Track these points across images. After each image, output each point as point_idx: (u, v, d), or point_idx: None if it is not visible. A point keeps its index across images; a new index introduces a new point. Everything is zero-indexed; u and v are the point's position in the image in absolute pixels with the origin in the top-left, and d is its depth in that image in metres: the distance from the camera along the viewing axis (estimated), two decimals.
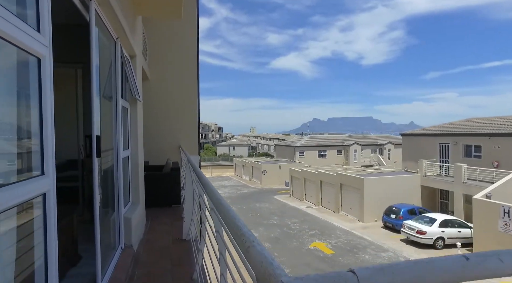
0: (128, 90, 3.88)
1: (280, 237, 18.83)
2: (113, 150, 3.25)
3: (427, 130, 24.87)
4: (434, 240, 16.07)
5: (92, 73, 2.42)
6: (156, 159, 8.26)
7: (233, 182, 45.21)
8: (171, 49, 8.68)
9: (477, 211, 15.46)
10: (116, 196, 3.28)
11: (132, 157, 4.06)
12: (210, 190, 2.03)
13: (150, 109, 8.53)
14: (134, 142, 4.07)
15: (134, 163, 4.07)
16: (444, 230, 16.26)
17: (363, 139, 54.42)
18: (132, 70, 3.98)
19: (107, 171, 3.09)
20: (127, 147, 3.93)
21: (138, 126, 4.15)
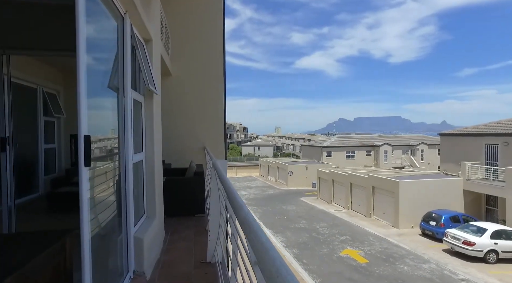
0: (142, 81, 3.19)
1: (309, 243, 17.85)
2: (119, 154, 2.56)
3: (470, 130, 22.83)
4: (485, 252, 14.37)
5: (79, 55, 1.71)
6: (179, 161, 7.66)
7: (259, 183, 44.55)
8: (196, 46, 8.04)
9: None
10: (124, 211, 2.59)
11: (147, 161, 3.38)
12: (239, 209, 1.34)
13: (173, 107, 7.95)
14: (150, 142, 3.38)
15: (149, 168, 3.39)
16: (497, 242, 14.51)
17: (394, 139, 51.88)
18: (147, 57, 3.30)
19: (109, 181, 2.40)
20: (140, 149, 3.25)
21: (154, 124, 3.46)
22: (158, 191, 3.65)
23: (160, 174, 4.00)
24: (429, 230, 17.82)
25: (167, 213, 5.10)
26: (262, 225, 21.75)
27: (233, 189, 1.93)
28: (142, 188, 3.28)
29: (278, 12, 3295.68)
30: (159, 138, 4.00)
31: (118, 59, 2.57)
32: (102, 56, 2.41)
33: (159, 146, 3.95)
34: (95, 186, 2.00)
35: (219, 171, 2.77)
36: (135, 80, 3.13)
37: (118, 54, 2.58)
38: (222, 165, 3.11)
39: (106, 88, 2.44)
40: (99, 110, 2.25)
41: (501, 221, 19.45)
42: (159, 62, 4.10)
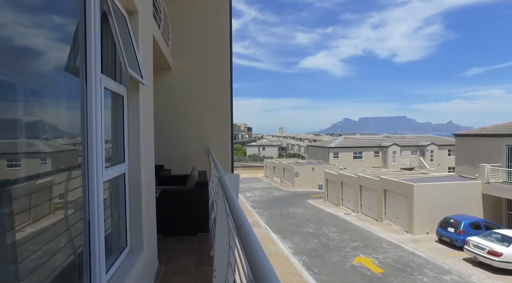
0: (124, 66, 2.31)
1: (319, 249, 16.90)
2: (82, 168, 1.68)
3: (488, 130, 21.68)
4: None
5: None
6: (180, 167, 6.80)
7: (264, 184, 43.66)
8: (200, 41, 7.16)
9: None
10: (87, 256, 1.70)
11: (132, 173, 2.50)
12: (250, 249, 0.88)
13: (174, 105, 7.08)
14: (135, 149, 2.51)
15: (135, 183, 2.51)
16: None
17: (403, 140, 50.64)
18: (130, 33, 2.42)
19: (57, 214, 1.52)
20: (120, 159, 2.38)
21: (143, 124, 2.58)
22: (148, 212, 2.77)
23: (152, 189, 3.12)
24: (447, 237, 16.76)
25: (163, 232, 4.23)
26: (268, 230, 20.87)
27: (242, 214, 1.17)
28: (124, 211, 2.41)
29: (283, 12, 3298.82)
30: (150, 143, 3.12)
31: (78, 29, 1.70)
32: (51, 22, 1.54)
33: (150, 152, 3.07)
34: (20, 226, 1.13)
35: (228, 191, 1.90)
36: (112, 65, 2.26)
37: (79, 21, 1.70)
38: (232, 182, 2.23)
39: (58, 70, 1.57)
40: (40, 104, 1.38)
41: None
42: (150, 44, 3.22)
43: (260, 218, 24.46)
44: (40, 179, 1.38)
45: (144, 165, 2.65)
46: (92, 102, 1.72)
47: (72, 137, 1.69)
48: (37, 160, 1.38)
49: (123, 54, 1.97)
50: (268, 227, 21.68)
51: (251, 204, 29.76)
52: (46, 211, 1.45)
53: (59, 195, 1.58)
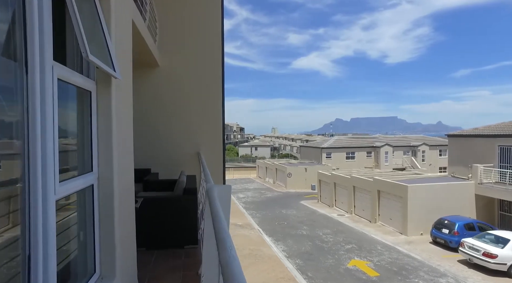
0: (84, 52, 1.87)
1: (313, 252, 16.58)
2: (24, 184, 1.26)
3: (481, 130, 21.70)
4: (510, 266, 13.13)
5: None
6: (168, 170, 6.35)
7: (256, 185, 43.28)
8: (190, 38, 6.71)
9: None
10: None
11: (103, 184, 2.07)
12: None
13: (161, 104, 6.64)
14: (106, 154, 2.08)
15: (105, 195, 2.08)
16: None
17: (395, 140, 50.85)
18: (100, 16, 1.99)
19: None
20: (88, 168, 1.95)
21: (115, 124, 2.16)
22: (124, 228, 2.34)
23: (130, 199, 2.69)
24: (442, 238, 16.62)
25: (146, 245, 3.80)
26: (261, 232, 20.48)
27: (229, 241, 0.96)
28: (92, 230, 1.98)
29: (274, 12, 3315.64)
30: (128, 146, 2.70)
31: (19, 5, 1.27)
32: None
33: (127, 157, 2.65)
34: None
35: (214, 207, 1.51)
36: (78, 54, 1.84)
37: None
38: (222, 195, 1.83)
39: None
40: None
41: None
42: (128, 33, 2.79)
43: (253, 219, 24.07)
44: None
45: (118, 173, 2.23)
46: (36, 95, 1.29)
47: (6, 144, 1.26)
48: None
49: (82, 36, 1.55)
50: (261, 229, 21.30)
51: (244, 205, 29.35)
52: None
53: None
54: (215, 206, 1.63)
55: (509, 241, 13.66)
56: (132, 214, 2.76)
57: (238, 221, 23.59)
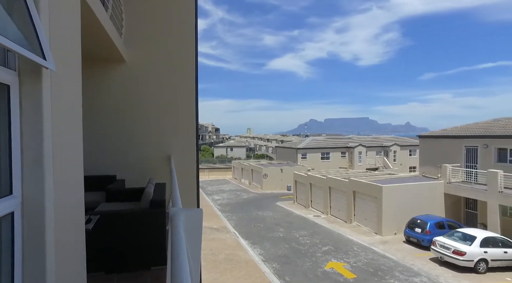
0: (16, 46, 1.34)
1: (290, 255, 16.35)
2: None
3: (449, 131, 22.52)
4: (476, 262, 13.59)
5: None
6: (136, 177, 5.76)
7: (232, 186, 42.73)
8: (162, 31, 6.13)
9: None
10: None
11: (28, 210, 1.55)
12: None
13: (128, 104, 6.02)
14: (34, 170, 1.57)
15: (32, 224, 1.56)
16: (486, 251, 13.79)
17: (368, 140, 52.17)
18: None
19: None
20: (4, 191, 1.43)
21: (48, 128, 1.64)
22: (64, 264, 1.82)
23: (77, 222, 2.16)
24: (414, 237, 16.97)
25: (105, 269, 3.25)
26: (237, 235, 20.02)
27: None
28: (10, 274, 1.46)
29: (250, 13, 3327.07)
30: (75, 154, 2.18)
31: None
32: None
33: (73, 169, 2.13)
34: None
35: (176, 245, 1.09)
36: None
37: None
38: (190, 223, 1.39)
39: None
40: None
41: (480, 224, 19.13)
42: (74, 17, 2.25)
43: (229, 222, 23.57)
44: None
45: (56, 192, 1.71)
46: None
47: None
48: None
49: None
50: (237, 232, 20.85)
51: (219, 208, 28.76)
52: None
53: None
54: (178, 239, 1.20)
55: (475, 238, 14.16)
56: (80, 239, 2.23)
57: (214, 224, 22.99)
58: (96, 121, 5.86)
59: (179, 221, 1.31)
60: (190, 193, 6.05)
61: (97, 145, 5.87)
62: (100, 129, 5.93)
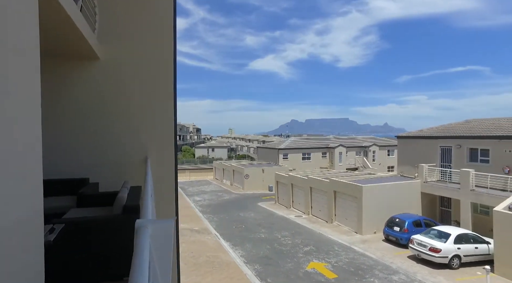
0: None
1: (271, 256, 16.29)
2: None
3: (425, 132, 23.21)
4: (450, 258, 14.05)
5: None
6: (111, 180, 5.46)
7: (213, 187, 42.31)
8: (139, 27, 5.86)
9: (500, 225, 13.64)
10: None
11: None
12: None
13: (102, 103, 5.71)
14: None
15: None
16: (460, 247, 14.30)
17: (348, 141, 53.11)
18: None
19: None
20: None
21: None
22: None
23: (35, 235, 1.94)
24: (393, 236, 17.33)
25: (72, 280, 3.01)
26: (219, 237, 19.77)
27: None
28: None
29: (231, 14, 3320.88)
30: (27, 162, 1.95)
31: None
32: None
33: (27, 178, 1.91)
34: None
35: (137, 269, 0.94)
36: None
37: None
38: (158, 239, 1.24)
39: None
40: None
41: (454, 221, 19.84)
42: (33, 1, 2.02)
43: (210, 223, 23.26)
44: None
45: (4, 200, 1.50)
46: None
47: None
48: None
49: None
50: (219, 233, 20.60)
51: (200, 209, 28.38)
52: None
53: None
54: (140, 257, 1.05)
55: (450, 235, 14.64)
56: (38, 253, 2.00)
57: (195, 226, 22.63)
58: (67, 121, 5.54)
59: (144, 236, 1.16)
60: (168, 195, 5.82)
61: (68, 146, 5.54)
62: (72, 129, 5.60)
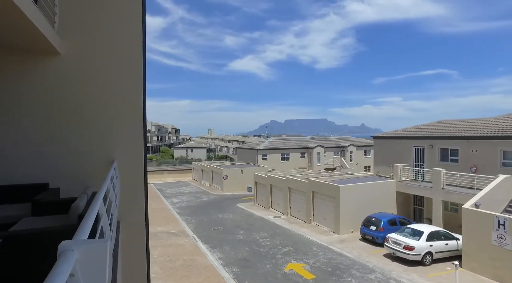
0: None
1: (250, 258, 16.10)
2: None
3: (400, 132, 23.82)
4: (423, 255, 14.43)
5: None
6: (73, 185, 5.08)
7: (192, 188, 41.62)
8: (104, 22, 5.49)
9: (467, 222, 14.13)
10: None
11: None
12: None
13: (63, 102, 5.32)
14: None
15: None
16: (432, 244, 14.71)
17: (326, 141, 53.88)
18: None
19: None
20: None
21: None
22: None
23: None
24: (370, 235, 17.61)
25: None
26: (197, 239, 19.36)
27: None
28: None
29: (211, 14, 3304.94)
30: None
31: None
32: None
33: None
34: None
35: None
36: None
37: None
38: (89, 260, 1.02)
39: None
40: None
41: (427, 219, 20.45)
42: None
43: (188, 226, 22.78)
44: None
45: None
46: None
47: None
48: None
49: None
50: (196, 236, 20.18)
51: (178, 211, 27.77)
52: None
53: None
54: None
55: (423, 233, 15.05)
56: None
57: (172, 229, 22.08)
58: (26, 121, 5.11)
59: (65, 263, 0.94)
60: (137, 201, 5.50)
61: (25, 149, 5.10)
62: (30, 130, 5.17)
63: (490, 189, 15.11)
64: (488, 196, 14.81)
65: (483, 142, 18.23)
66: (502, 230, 12.79)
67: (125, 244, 5.28)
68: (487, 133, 18.39)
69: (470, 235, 13.94)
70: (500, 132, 18.14)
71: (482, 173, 17.59)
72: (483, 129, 19.36)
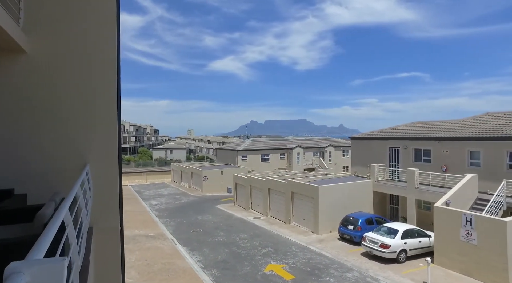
0: None
1: (229, 260, 16.00)
2: None
3: (377, 133, 24.47)
4: (398, 253, 14.88)
5: None
6: (42, 191, 4.82)
7: (171, 190, 40.90)
8: (74, 18, 5.24)
9: (438, 220, 14.70)
10: None
11: None
12: None
13: (29, 103, 5.06)
14: None
15: None
16: (406, 242, 15.21)
17: (306, 142, 54.53)
18: None
19: None
20: None
21: None
22: None
23: None
24: (348, 234, 17.95)
25: None
26: (175, 242, 19.02)
27: None
28: None
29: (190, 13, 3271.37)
30: None
31: None
32: None
33: None
34: None
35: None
36: None
37: None
38: None
39: None
40: None
41: (401, 217, 21.12)
42: None
43: (166, 228, 22.35)
44: None
45: None
46: None
47: None
48: None
49: None
50: (175, 238, 19.83)
51: (157, 213, 27.20)
52: None
53: None
54: None
55: (398, 232, 15.52)
56: None
57: (150, 232, 21.58)
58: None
59: None
60: (111, 205, 5.30)
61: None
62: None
63: (459, 188, 15.81)
64: (457, 194, 15.48)
65: (453, 142, 19.07)
66: (469, 226, 13.40)
67: (98, 252, 5.07)
68: (457, 134, 19.25)
69: (441, 232, 14.51)
70: (467, 133, 19.05)
71: (453, 172, 18.38)
72: (453, 130, 20.25)
